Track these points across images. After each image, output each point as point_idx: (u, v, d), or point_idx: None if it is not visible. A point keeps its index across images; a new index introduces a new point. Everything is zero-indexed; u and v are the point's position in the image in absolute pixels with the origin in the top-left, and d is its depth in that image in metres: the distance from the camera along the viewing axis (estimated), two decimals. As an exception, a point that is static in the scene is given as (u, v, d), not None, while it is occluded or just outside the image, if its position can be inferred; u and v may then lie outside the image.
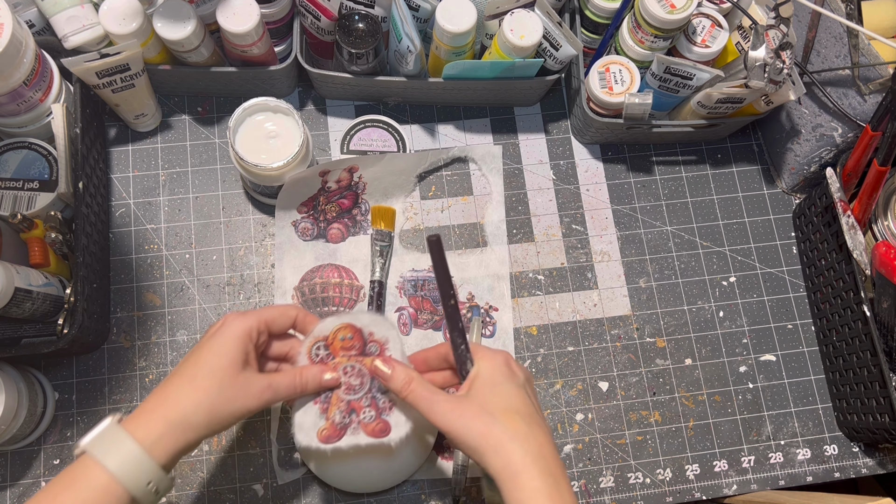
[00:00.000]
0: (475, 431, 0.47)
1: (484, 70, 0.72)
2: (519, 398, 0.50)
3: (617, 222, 0.79)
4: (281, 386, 0.52)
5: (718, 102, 0.71)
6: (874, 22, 0.68)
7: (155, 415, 0.48)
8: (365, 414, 0.55)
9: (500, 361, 0.51)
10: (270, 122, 0.68)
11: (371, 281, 0.73)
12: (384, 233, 0.75)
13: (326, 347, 0.57)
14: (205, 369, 0.50)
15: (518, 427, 0.48)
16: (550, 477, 0.47)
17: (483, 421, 0.48)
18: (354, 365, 0.56)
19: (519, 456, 0.47)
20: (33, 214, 0.66)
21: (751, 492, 0.72)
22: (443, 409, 0.49)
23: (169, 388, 0.49)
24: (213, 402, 0.49)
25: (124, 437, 0.47)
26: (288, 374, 0.53)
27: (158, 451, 0.47)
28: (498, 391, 0.50)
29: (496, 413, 0.48)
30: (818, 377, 0.76)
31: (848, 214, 0.68)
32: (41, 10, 0.67)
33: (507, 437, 0.47)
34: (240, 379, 0.50)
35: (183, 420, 0.48)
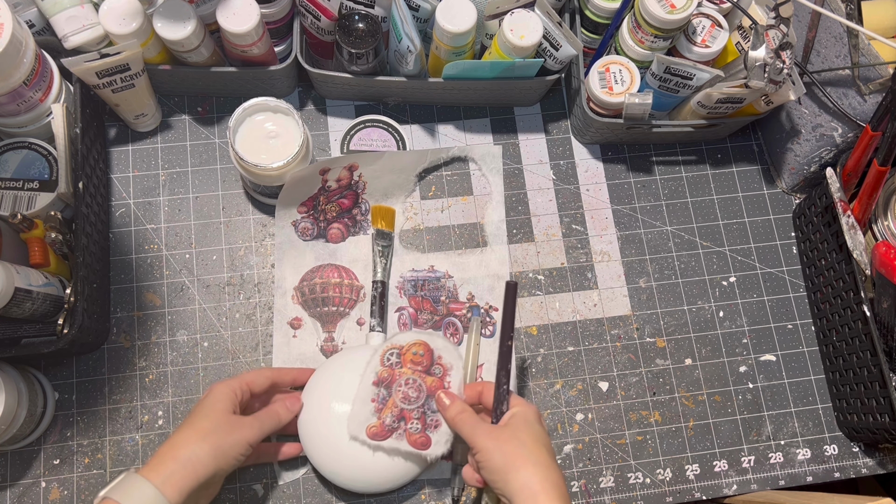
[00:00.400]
0: (504, 452, 0.55)
1: (484, 70, 0.72)
2: (546, 438, 0.57)
3: (617, 222, 0.79)
4: (264, 418, 0.61)
5: (718, 102, 0.71)
6: (874, 22, 0.68)
7: (165, 457, 0.54)
8: (413, 424, 0.62)
9: (533, 408, 0.59)
10: (270, 122, 0.68)
11: (374, 281, 0.73)
12: (385, 233, 0.75)
13: (399, 356, 0.64)
14: (202, 416, 0.58)
15: (543, 456, 0.55)
16: (565, 502, 0.53)
17: (513, 445, 0.55)
18: (416, 379, 0.63)
19: (538, 479, 0.53)
20: (33, 214, 0.66)
21: (751, 492, 0.72)
22: (483, 432, 0.57)
23: (175, 436, 0.56)
24: (214, 437, 0.56)
25: (140, 480, 0.52)
26: (267, 410, 0.62)
27: (169, 488, 0.52)
28: (531, 429, 0.57)
29: (527, 442, 0.55)
30: (818, 377, 0.76)
31: (848, 214, 0.68)
32: (41, 10, 0.67)
33: (532, 462, 0.54)
34: (232, 418, 0.58)
35: (191, 456, 0.54)
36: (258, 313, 0.73)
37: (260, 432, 0.59)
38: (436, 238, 0.77)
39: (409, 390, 0.63)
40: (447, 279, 0.75)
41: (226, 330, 0.72)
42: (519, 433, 0.56)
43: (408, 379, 0.63)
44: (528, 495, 0.52)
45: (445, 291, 0.74)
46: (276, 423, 0.62)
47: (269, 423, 0.61)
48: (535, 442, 0.55)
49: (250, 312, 0.73)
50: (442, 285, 0.74)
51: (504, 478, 0.54)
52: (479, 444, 0.56)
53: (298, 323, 0.72)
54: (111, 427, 0.69)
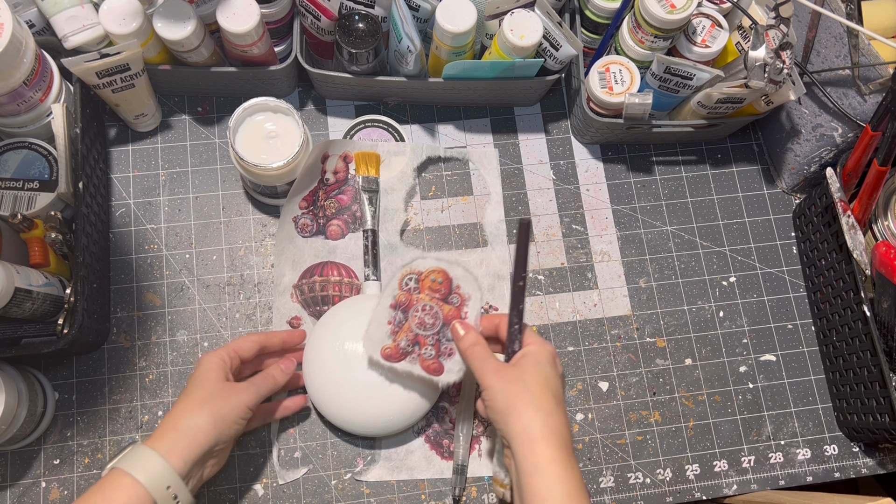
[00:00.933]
0: (508, 393, 0.53)
1: (484, 70, 0.72)
2: (555, 381, 0.55)
3: (617, 222, 0.79)
4: (258, 381, 0.62)
5: (718, 102, 0.71)
6: (874, 22, 0.68)
7: (167, 428, 0.56)
8: (427, 350, 0.62)
9: (548, 349, 0.57)
10: (270, 122, 0.68)
11: (364, 231, 0.73)
12: (371, 179, 0.75)
13: (417, 281, 0.63)
14: (197, 386, 0.59)
15: (546, 401, 0.53)
16: (565, 450, 0.51)
17: (518, 387, 0.53)
18: (433, 306, 0.63)
19: (539, 425, 0.51)
20: (33, 214, 0.66)
21: (751, 492, 0.72)
22: (490, 370, 0.55)
23: (175, 408, 0.58)
24: (212, 405, 0.57)
25: (145, 450, 0.54)
26: (259, 374, 0.63)
27: (173, 456, 0.54)
28: (539, 370, 0.55)
29: (532, 385, 0.53)
30: (818, 377, 0.76)
31: (848, 214, 0.68)
32: (41, 10, 0.67)
33: (534, 407, 0.52)
34: (227, 385, 0.59)
35: (191, 425, 0.56)
36: (258, 313, 0.73)
37: (257, 395, 0.60)
38: (436, 238, 0.77)
39: (426, 316, 0.63)
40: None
41: (226, 330, 0.72)
42: (525, 375, 0.54)
43: (425, 305, 0.63)
44: (525, 440, 0.51)
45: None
46: (272, 385, 0.63)
47: (265, 385, 0.62)
48: (541, 385, 0.54)
49: (250, 312, 0.73)
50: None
51: (505, 419, 0.52)
52: (485, 382, 0.55)
53: (298, 322, 0.72)
54: (111, 427, 0.69)
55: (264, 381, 0.62)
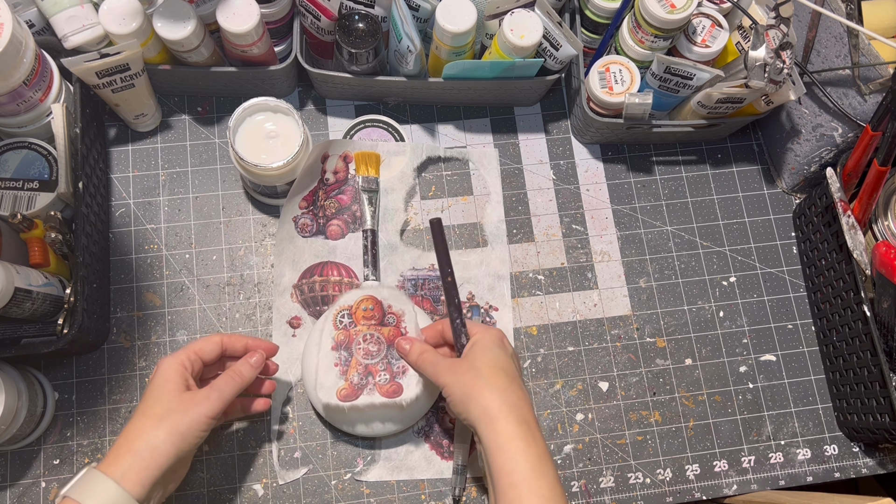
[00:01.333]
0: (462, 383, 0.55)
1: (484, 70, 0.72)
2: (505, 361, 0.57)
3: (617, 222, 0.79)
4: (222, 384, 0.57)
5: (718, 102, 0.71)
6: (874, 22, 0.68)
7: (122, 450, 0.53)
8: (380, 377, 0.64)
9: (493, 333, 0.59)
10: (270, 122, 0.68)
11: (364, 230, 0.73)
12: (371, 179, 0.75)
13: (350, 316, 0.65)
14: (154, 400, 0.55)
15: (499, 381, 0.55)
16: (524, 424, 0.53)
17: (470, 375, 0.55)
18: (373, 333, 0.65)
19: (496, 404, 0.53)
20: (33, 214, 0.66)
21: (751, 492, 0.72)
22: (443, 369, 0.57)
23: (129, 426, 0.54)
24: (169, 421, 0.54)
25: (99, 476, 0.51)
26: (224, 375, 0.59)
27: (129, 481, 0.51)
28: (488, 354, 0.57)
29: (482, 369, 0.55)
30: (818, 377, 0.76)
31: (848, 214, 0.68)
32: (41, 9, 0.67)
33: (489, 388, 0.54)
34: (185, 396, 0.56)
35: (147, 445, 0.52)
36: (258, 313, 0.73)
37: (219, 402, 0.56)
38: (436, 238, 0.77)
39: (369, 345, 0.65)
40: (447, 279, 0.75)
41: (226, 330, 0.72)
42: (476, 362, 0.56)
43: (365, 335, 0.65)
44: (486, 421, 0.53)
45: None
46: (237, 386, 0.58)
47: (229, 388, 0.58)
48: (492, 367, 0.55)
49: (250, 312, 0.73)
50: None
51: (466, 408, 0.54)
52: (440, 381, 0.57)
53: (297, 322, 0.72)
54: (111, 427, 0.69)
55: (228, 383, 0.58)
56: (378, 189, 0.76)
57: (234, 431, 0.70)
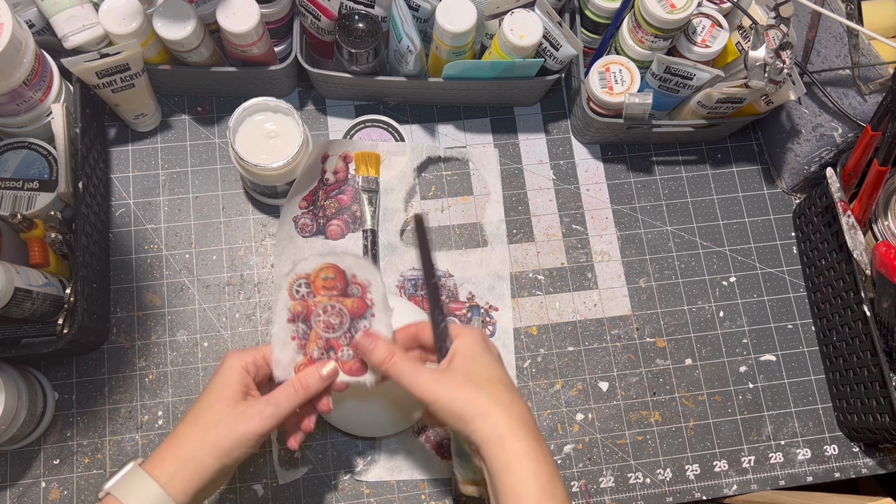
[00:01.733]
0: (462, 400, 0.49)
1: (484, 70, 0.72)
2: (498, 369, 0.52)
3: (617, 222, 0.79)
4: (280, 398, 0.52)
5: (718, 102, 0.71)
6: (874, 22, 0.68)
7: (167, 454, 0.50)
8: (343, 352, 0.56)
9: (476, 336, 0.54)
10: (270, 122, 0.68)
11: (364, 230, 0.73)
12: (371, 179, 0.75)
13: (308, 285, 0.56)
14: (206, 406, 0.52)
15: (502, 395, 0.50)
16: (535, 441, 0.49)
17: (468, 389, 0.50)
18: (334, 304, 0.56)
19: (505, 421, 0.49)
20: (33, 214, 0.66)
21: (751, 492, 0.72)
22: (426, 381, 0.50)
23: (178, 429, 0.52)
24: (215, 435, 0.50)
25: (144, 477, 0.49)
26: (285, 385, 0.53)
27: (174, 488, 0.49)
28: (479, 362, 0.52)
29: (480, 382, 0.50)
30: (818, 377, 0.76)
31: (848, 214, 0.68)
32: (41, 9, 0.67)
33: (493, 404, 0.49)
34: (238, 408, 0.51)
35: (192, 457, 0.50)
36: (258, 313, 0.73)
37: (272, 420, 0.51)
38: (436, 238, 0.77)
39: (330, 318, 0.56)
40: (447, 278, 0.75)
41: (226, 330, 0.72)
42: (471, 374, 0.51)
43: (325, 306, 0.56)
44: (493, 440, 0.48)
45: (445, 291, 0.74)
46: (298, 399, 0.53)
47: (287, 402, 0.52)
48: (490, 379, 0.51)
49: (250, 312, 0.73)
50: (442, 284, 0.75)
51: (466, 426, 0.49)
52: (428, 396, 0.50)
53: (298, 323, 0.72)
54: (111, 427, 0.69)
55: (288, 395, 0.53)
56: (378, 189, 0.76)
57: (234, 431, 0.70)
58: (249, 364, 0.53)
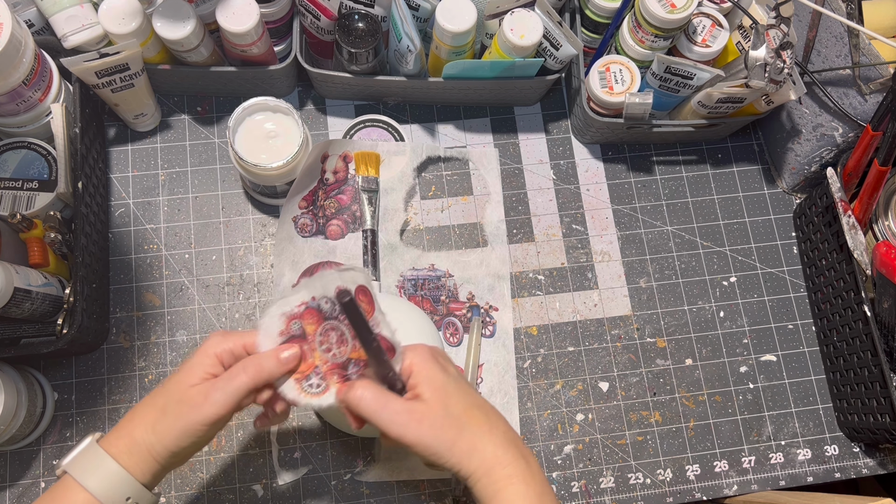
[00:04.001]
0: (447, 441, 0.47)
1: (484, 70, 0.72)
2: (467, 391, 0.50)
3: (617, 222, 0.79)
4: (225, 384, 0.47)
5: (719, 102, 0.71)
6: (875, 22, 0.68)
7: (123, 432, 0.48)
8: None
9: (429, 358, 0.49)
10: (270, 122, 0.68)
11: (364, 230, 0.73)
12: (371, 179, 0.75)
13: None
14: (164, 388, 0.49)
15: (481, 423, 0.48)
16: (522, 460, 0.48)
17: (453, 429, 0.47)
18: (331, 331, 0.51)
19: (490, 451, 0.47)
20: (32, 214, 0.66)
21: (751, 492, 0.72)
22: (404, 421, 0.46)
23: (138, 405, 0.49)
24: (164, 424, 0.47)
25: (102, 455, 0.47)
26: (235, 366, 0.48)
27: (133, 466, 0.47)
28: (449, 391, 0.48)
29: (460, 416, 0.48)
30: (819, 377, 0.76)
31: (849, 214, 0.68)
32: (40, 9, 0.67)
33: (477, 438, 0.47)
34: (189, 392, 0.47)
35: (144, 441, 0.47)
36: (258, 313, 0.73)
37: (217, 407, 0.47)
38: (436, 238, 0.77)
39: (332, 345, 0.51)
40: (447, 278, 0.75)
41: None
42: (449, 408, 0.47)
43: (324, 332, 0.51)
44: (483, 473, 0.47)
45: (445, 291, 0.74)
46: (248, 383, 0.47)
47: (234, 386, 0.47)
48: (467, 409, 0.48)
49: (250, 312, 0.73)
50: (442, 284, 0.74)
51: (455, 467, 0.47)
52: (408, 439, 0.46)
53: (298, 323, 0.72)
54: (111, 427, 0.68)
55: (229, 380, 0.47)
56: (378, 189, 0.76)
57: (234, 432, 0.69)
58: (226, 353, 0.49)
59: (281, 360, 0.49)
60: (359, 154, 0.76)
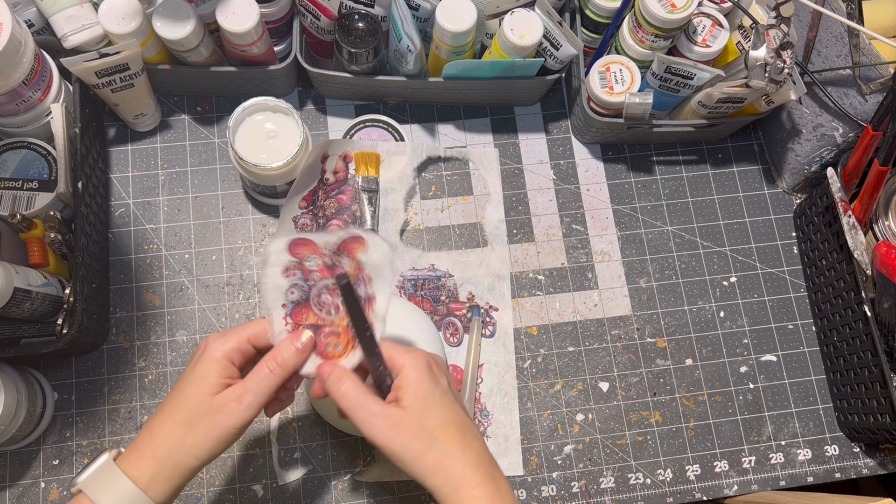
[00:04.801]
0: (414, 452, 0.47)
1: (484, 70, 0.72)
2: (450, 407, 0.49)
3: (617, 222, 0.79)
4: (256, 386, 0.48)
5: (719, 102, 0.71)
6: (875, 21, 0.68)
7: (145, 452, 0.48)
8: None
9: (422, 366, 0.49)
10: (270, 122, 0.68)
11: (364, 230, 0.73)
12: (371, 179, 0.75)
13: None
14: (182, 401, 0.48)
15: (455, 441, 0.48)
16: (491, 482, 0.48)
17: (422, 441, 0.47)
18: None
19: (459, 470, 0.47)
20: (32, 214, 0.66)
21: (751, 492, 0.72)
22: (377, 423, 0.47)
23: (154, 423, 0.49)
24: (195, 434, 0.48)
25: (119, 476, 0.47)
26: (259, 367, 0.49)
27: (154, 490, 0.47)
28: (431, 403, 0.48)
29: (434, 430, 0.48)
30: (819, 377, 0.76)
31: (849, 214, 0.68)
32: (40, 9, 0.67)
33: (446, 455, 0.47)
34: (216, 401, 0.48)
35: (171, 458, 0.47)
36: (258, 313, 0.73)
37: (252, 410, 0.48)
38: (436, 238, 0.77)
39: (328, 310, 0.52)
40: (447, 278, 0.75)
41: (225, 330, 0.72)
42: (424, 421, 0.47)
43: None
44: (449, 490, 0.47)
45: (445, 291, 0.74)
46: (276, 381, 0.49)
47: (265, 387, 0.49)
48: (442, 423, 0.48)
49: (250, 313, 0.73)
50: (442, 284, 0.74)
51: (420, 476, 0.47)
52: (377, 441, 0.47)
53: (298, 323, 0.72)
54: (111, 427, 0.69)
55: (265, 379, 0.48)
56: (378, 189, 0.76)
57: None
58: (233, 352, 0.49)
59: (299, 350, 0.50)
60: (359, 154, 0.76)
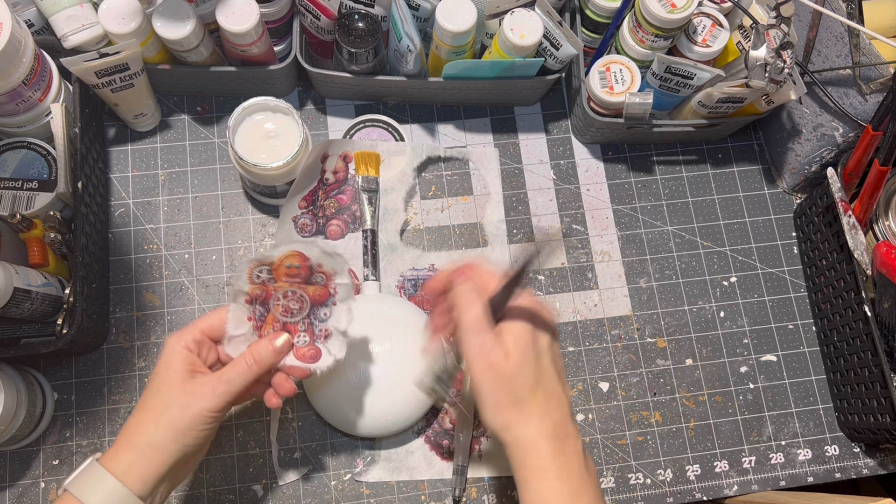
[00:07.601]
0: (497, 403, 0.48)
1: (484, 69, 0.72)
2: (544, 371, 0.49)
3: (617, 222, 0.79)
4: (233, 374, 0.51)
5: (719, 102, 0.71)
6: (875, 21, 0.68)
7: (122, 444, 0.50)
8: (300, 338, 0.56)
9: (526, 327, 0.49)
10: (270, 122, 0.68)
11: (364, 230, 0.73)
12: (371, 179, 0.75)
13: (270, 272, 0.55)
14: (153, 392, 0.51)
15: (537, 406, 0.48)
16: (562, 456, 0.47)
17: (508, 395, 0.48)
18: (296, 291, 0.56)
19: (532, 436, 0.47)
20: (32, 214, 0.66)
21: (752, 492, 0.72)
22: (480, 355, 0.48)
23: (130, 419, 0.51)
24: (167, 417, 0.50)
25: (102, 473, 0.49)
26: (237, 360, 0.52)
27: (131, 478, 0.48)
28: (527, 361, 0.48)
29: (522, 388, 0.48)
30: (819, 377, 0.76)
31: (849, 214, 0.68)
32: (40, 9, 0.67)
33: (524, 417, 0.48)
34: (187, 388, 0.51)
35: (147, 442, 0.49)
36: (258, 313, 0.73)
37: (225, 396, 0.50)
38: (436, 238, 0.77)
39: (290, 302, 0.56)
40: (447, 279, 0.75)
41: (225, 330, 0.72)
42: (518, 378, 0.48)
43: (286, 292, 0.55)
44: (518, 451, 0.48)
45: (445, 291, 0.74)
46: (251, 375, 0.52)
47: (240, 378, 0.51)
48: (532, 388, 0.48)
49: (250, 312, 0.73)
50: (442, 285, 0.74)
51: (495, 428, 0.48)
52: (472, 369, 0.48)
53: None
54: (110, 427, 0.69)
55: (241, 372, 0.51)
56: (378, 189, 0.76)
57: (234, 432, 0.69)
58: (191, 343, 0.52)
59: (276, 350, 0.53)
60: (359, 154, 0.76)
